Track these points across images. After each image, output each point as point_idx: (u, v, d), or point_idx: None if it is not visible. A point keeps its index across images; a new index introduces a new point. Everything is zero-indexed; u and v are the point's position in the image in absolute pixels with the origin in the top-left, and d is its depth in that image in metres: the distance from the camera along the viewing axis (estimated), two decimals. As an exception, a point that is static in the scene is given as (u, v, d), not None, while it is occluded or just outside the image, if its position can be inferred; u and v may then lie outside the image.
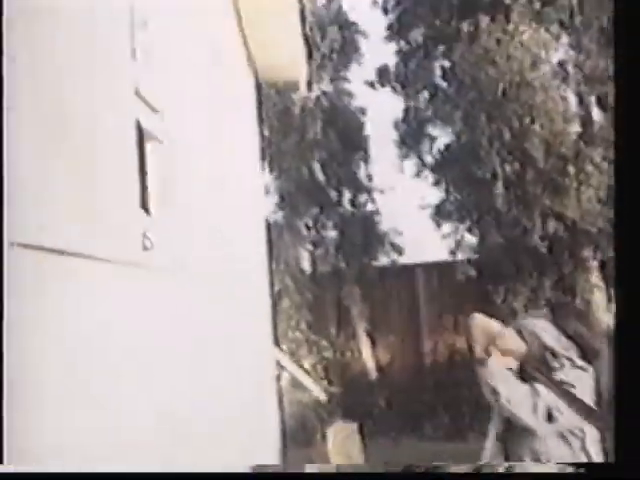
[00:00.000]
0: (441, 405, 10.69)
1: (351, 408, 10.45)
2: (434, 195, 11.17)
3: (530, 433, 3.26)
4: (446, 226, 11.11)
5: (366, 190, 11.80)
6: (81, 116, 2.46)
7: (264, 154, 9.50)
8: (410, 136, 11.24)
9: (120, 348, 2.71)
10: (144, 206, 3.06)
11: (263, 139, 9.35)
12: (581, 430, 3.25)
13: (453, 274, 10.62)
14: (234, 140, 6.67)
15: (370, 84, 11.44)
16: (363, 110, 11.89)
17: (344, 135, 11.58)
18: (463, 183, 10.72)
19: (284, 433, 8.55)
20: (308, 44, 8.48)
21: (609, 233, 9.86)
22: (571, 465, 3.16)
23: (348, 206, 11.80)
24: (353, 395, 10.99)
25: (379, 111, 11.75)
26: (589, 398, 3.21)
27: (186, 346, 3.83)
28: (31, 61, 2.04)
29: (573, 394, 3.14)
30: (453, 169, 10.80)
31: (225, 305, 5.27)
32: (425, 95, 11.20)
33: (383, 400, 11.11)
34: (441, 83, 11.11)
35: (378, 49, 13.82)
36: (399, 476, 2.99)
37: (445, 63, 11.02)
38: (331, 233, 11.79)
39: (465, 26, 10.09)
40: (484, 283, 10.27)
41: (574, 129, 10.02)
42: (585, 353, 3.25)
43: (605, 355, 3.28)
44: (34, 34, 2.08)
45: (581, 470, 3.17)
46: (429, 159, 11.26)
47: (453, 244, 10.99)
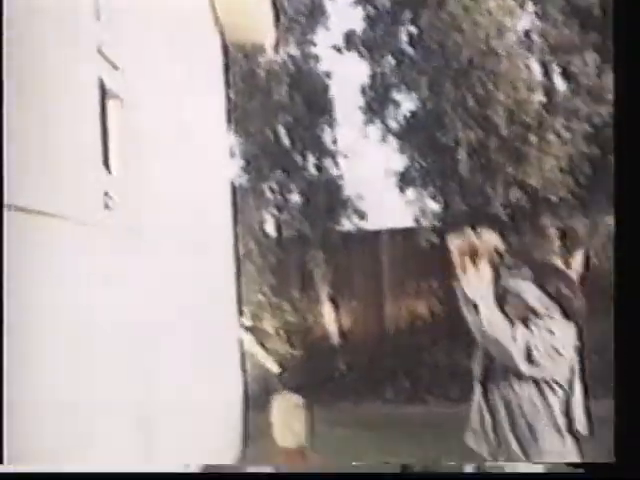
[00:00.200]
0: (402, 369, 10.80)
1: (310, 374, 10.54)
2: (399, 161, 11.20)
3: (509, 377, 3.22)
4: (410, 192, 11.15)
5: (331, 155, 11.79)
6: (49, 74, 2.46)
7: (230, 117, 9.45)
8: (376, 101, 11.21)
9: (80, 306, 2.72)
10: (106, 164, 3.06)
11: (229, 102, 9.29)
12: (566, 386, 3.22)
13: (417, 241, 10.68)
14: (200, 102, 6.64)
15: (337, 49, 11.37)
16: (329, 74, 11.83)
17: (310, 99, 11.53)
18: (427, 150, 10.74)
19: (246, 396, 8.61)
20: (275, 7, 8.42)
21: (570, 202, 9.98)
22: (569, 465, 3.14)
23: (313, 170, 11.79)
24: (314, 360, 11.08)
25: (345, 76, 11.72)
26: (570, 350, 3.19)
27: (148, 306, 3.85)
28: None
29: (553, 331, 3.11)
30: (418, 135, 10.81)
31: (188, 268, 5.28)
32: (391, 61, 11.17)
33: (344, 364, 11.20)
34: (407, 49, 11.08)
35: (345, 14, 13.81)
36: (398, 476, 3.01)
37: (412, 29, 10.99)
38: (295, 197, 11.79)
39: (432, -8, 10.07)
40: (447, 250, 10.31)
41: (538, 98, 10.06)
42: (566, 311, 3.24)
43: (584, 312, 3.28)
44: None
45: (580, 470, 3.16)
46: (394, 125, 11.25)
47: (417, 211, 11.03)
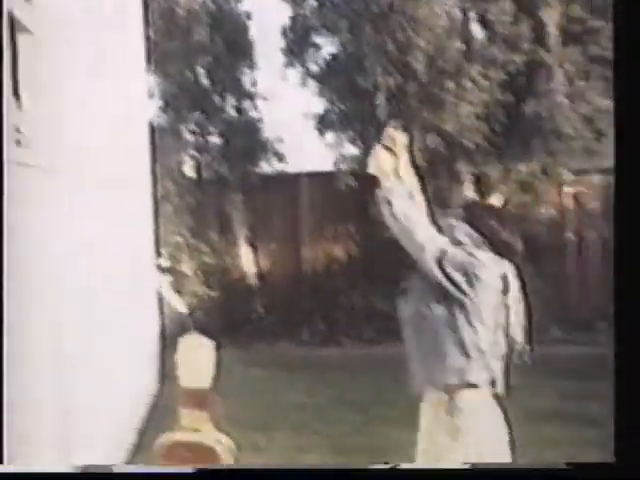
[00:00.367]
0: (318, 312, 10.97)
1: (227, 316, 10.63)
2: (318, 104, 11.21)
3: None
4: (329, 136, 11.19)
5: (250, 97, 11.71)
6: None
7: (150, 57, 9.30)
8: (296, 44, 11.14)
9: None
10: (16, 98, 3.01)
11: (148, 41, 9.13)
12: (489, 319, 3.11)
13: (336, 184, 10.75)
14: (118, 40, 6.51)
15: (258, -12, 11.24)
16: (249, 15, 11.70)
17: (230, 40, 11.39)
18: (347, 93, 10.77)
19: (163, 335, 8.65)
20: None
21: (485, 148, 10.18)
22: (569, 465, 3.15)
23: (232, 112, 11.71)
24: (232, 301, 11.15)
25: (266, 17, 11.56)
26: (495, 282, 3.18)
27: (64, 249, 3.82)
28: None
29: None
30: (338, 79, 10.81)
31: (105, 208, 5.24)
32: (313, 3, 11.09)
33: (262, 306, 11.31)
34: (329, -9, 11.02)
35: (266, -48, 13.54)
36: (386, 472, 3.03)
37: (334, -28, 10.92)
38: (215, 139, 11.71)
39: None
40: (364, 194, 10.43)
41: (456, 45, 10.17)
42: (499, 249, 3.24)
43: (519, 251, 3.31)
44: None
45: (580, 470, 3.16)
46: (314, 68, 11.23)
47: (337, 154, 11.09)
